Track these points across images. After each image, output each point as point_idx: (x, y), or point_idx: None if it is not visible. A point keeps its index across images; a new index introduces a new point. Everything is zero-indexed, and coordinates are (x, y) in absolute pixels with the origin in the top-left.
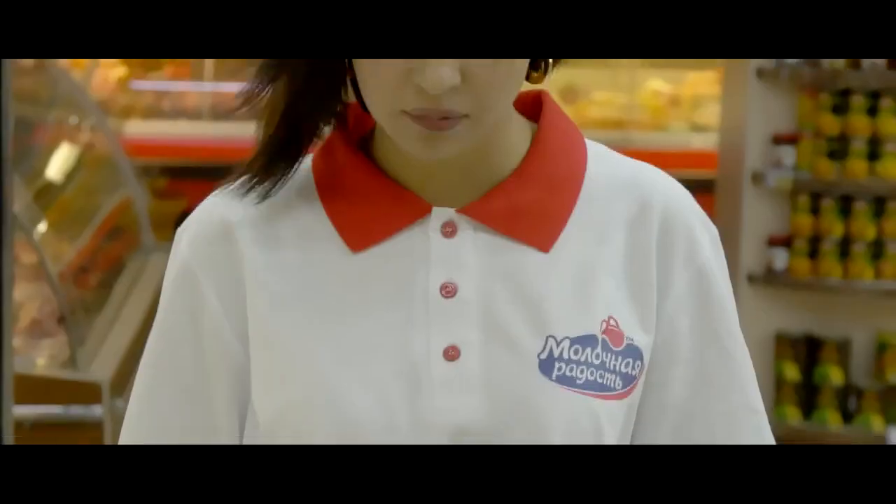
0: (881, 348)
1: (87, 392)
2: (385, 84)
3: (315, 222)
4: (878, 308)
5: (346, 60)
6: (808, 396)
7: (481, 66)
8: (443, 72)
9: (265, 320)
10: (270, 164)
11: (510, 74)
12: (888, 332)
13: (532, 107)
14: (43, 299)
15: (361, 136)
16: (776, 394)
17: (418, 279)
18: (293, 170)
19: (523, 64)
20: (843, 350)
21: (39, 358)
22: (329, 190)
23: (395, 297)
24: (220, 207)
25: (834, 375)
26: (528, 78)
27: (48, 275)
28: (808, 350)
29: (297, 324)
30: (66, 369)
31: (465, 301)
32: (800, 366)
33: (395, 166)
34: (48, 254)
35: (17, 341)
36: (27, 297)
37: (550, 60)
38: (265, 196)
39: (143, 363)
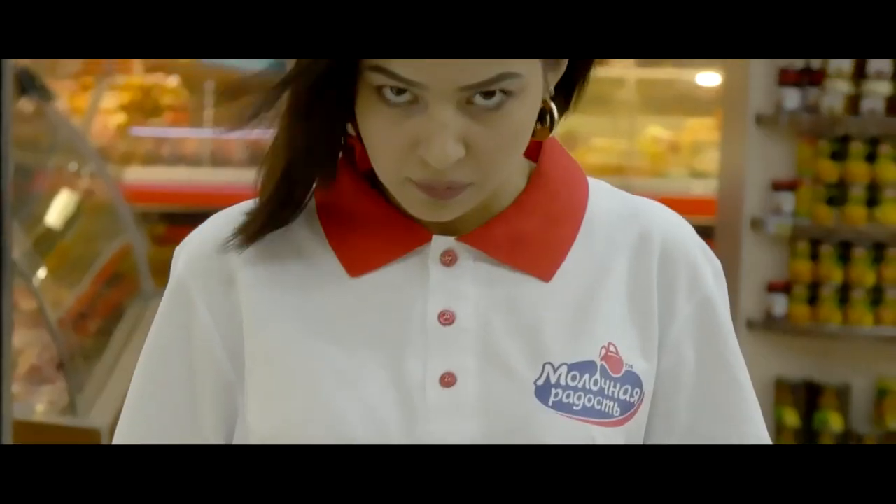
0: (881, 394)
1: (86, 438)
2: (391, 153)
3: (315, 245)
4: (877, 354)
5: (347, 119)
6: (807, 442)
7: (484, 137)
8: (448, 147)
9: (264, 337)
10: (271, 216)
11: (513, 140)
12: (888, 378)
13: (534, 145)
14: (42, 346)
15: (368, 167)
16: (776, 439)
17: (416, 306)
18: (293, 218)
19: (526, 128)
20: (842, 396)
21: (38, 404)
22: (331, 214)
23: (392, 324)
24: (219, 226)
25: (834, 421)
26: (533, 134)
27: (47, 321)
28: (808, 396)
29: (296, 342)
30: (66, 416)
31: (463, 329)
32: (799, 412)
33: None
34: (47, 300)
35: (16, 388)
36: (26, 344)
37: (556, 115)
38: (254, 239)
39: (135, 377)
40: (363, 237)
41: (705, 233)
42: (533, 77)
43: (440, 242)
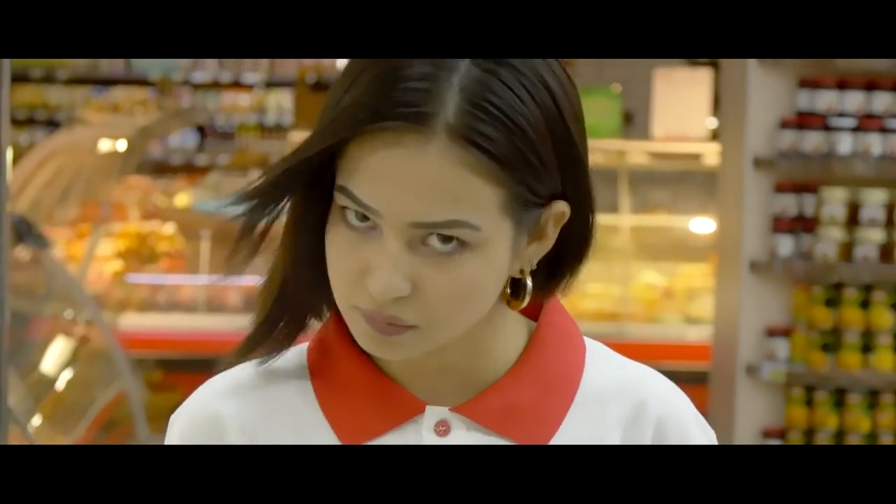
0: None
1: None
2: (344, 278)
3: (308, 413)
4: None
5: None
6: None
7: (433, 280)
8: (390, 279)
9: None
10: (264, 337)
11: (464, 293)
12: None
13: (536, 302)
14: None
15: None
16: None
17: None
18: (285, 346)
19: (481, 287)
20: None
21: None
22: (323, 381)
23: None
24: (214, 398)
25: None
26: (508, 303)
27: None
28: None
29: None
30: None
31: None
32: None
33: (390, 361)
34: None
35: None
36: None
37: (529, 289)
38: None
39: None
40: (357, 406)
41: (699, 379)
42: (497, 237)
43: (434, 413)
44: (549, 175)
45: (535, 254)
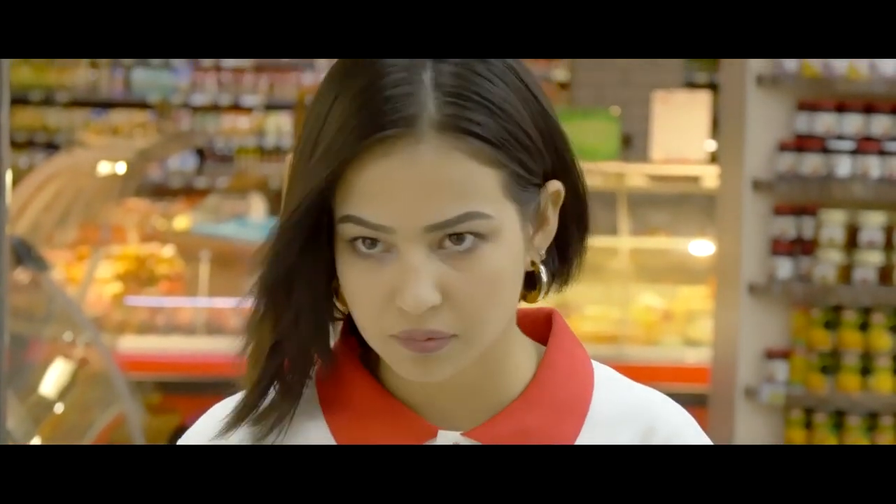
0: None
1: None
2: (370, 310)
3: (319, 439)
4: None
5: (333, 291)
6: None
7: (460, 282)
8: (420, 290)
9: None
10: (259, 398)
11: (491, 287)
12: None
13: (543, 325)
14: None
15: (366, 348)
16: None
17: None
18: (294, 405)
19: (505, 277)
20: None
21: None
22: (333, 405)
23: None
24: (215, 424)
25: None
26: (524, 297)
27: None
28: None
29: None
30: None
31: None
32: None
33: (400, 384)
34: None
35: None
36: None
37: (545, 279)
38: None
39: None
40: (370, 432)
41: (699, 402)
42: (506, 222)
43: (445, 437)
44: (537, 149)
45: (543, 243)
